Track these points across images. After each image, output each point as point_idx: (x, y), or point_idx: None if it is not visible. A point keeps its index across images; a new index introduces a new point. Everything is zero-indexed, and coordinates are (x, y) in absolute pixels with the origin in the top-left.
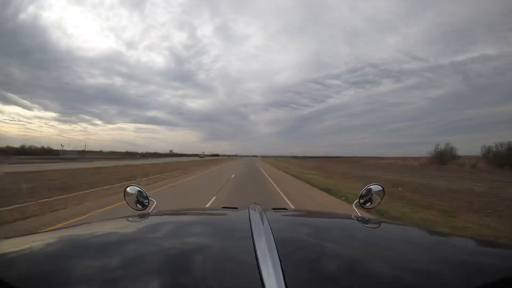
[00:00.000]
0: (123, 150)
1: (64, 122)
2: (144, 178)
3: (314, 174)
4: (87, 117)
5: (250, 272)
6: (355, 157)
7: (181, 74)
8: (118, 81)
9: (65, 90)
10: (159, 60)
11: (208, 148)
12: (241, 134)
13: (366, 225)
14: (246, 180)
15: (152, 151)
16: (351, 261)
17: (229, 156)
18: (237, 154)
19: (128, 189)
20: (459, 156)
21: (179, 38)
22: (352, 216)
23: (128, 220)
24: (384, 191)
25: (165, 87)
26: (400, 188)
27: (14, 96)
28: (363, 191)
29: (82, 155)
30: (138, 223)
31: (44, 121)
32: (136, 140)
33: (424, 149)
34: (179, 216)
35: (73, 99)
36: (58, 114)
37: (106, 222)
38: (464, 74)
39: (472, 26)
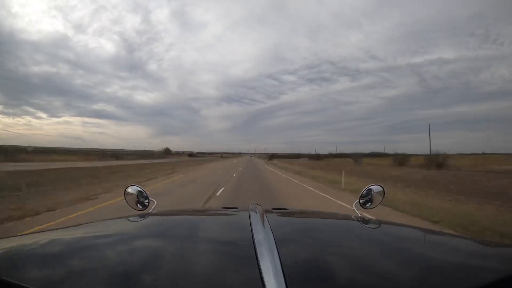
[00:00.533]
0: (71, 147)
1: (8, 114)
2: None
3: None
4: (31, 109)
5: (251, 272)
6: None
7: (131, 63)
8: (64, 69)
9: (8, 79)
10: (108, 46)
11: (158, 144)
12: (193, 130)
13: (366, 226)
14: None
15: (99, 147)
16: (351, 261)
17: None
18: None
19: (128, 189)
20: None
21: (132, 22)
22: (352, 217)
23: (128, 220)
24: (384, 192)
25: (114, 77)
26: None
27: None
28: (364, 191)
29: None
30: (138, 223)
31: None
32: (83, 135)
33: (371, 148)
34: (179, 216)
35: (16, 89)
36: (0, 105)
37: (106, 222)
38: (420, 76)
39: (434, 29)
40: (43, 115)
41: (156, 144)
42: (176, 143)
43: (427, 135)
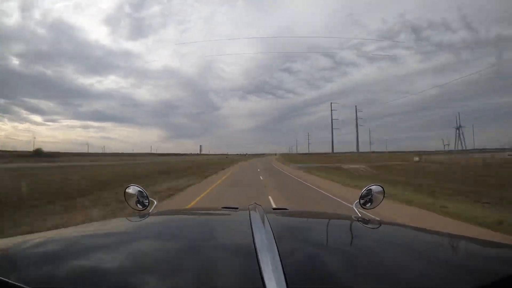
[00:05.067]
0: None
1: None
2: None
3: None
4: (25, 113)
5: (251, 272)
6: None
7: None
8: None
9: None
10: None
11: (172, 148)
12: (212, 130)
13: (366, 226)
14: None
15: (107, 151)
16: (351, 261)
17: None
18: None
19: (128, 189)
20: None
21: None
22: (352, 217)
23: (128, 220)
24: (384, 192)
25: (113, 68)
26: None
27: None
28: (364, 191)
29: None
30: (138, 223)
31: None
32: (90, 140)
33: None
34: (179, 216)
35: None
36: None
37: (106, 222)
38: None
39: None
40: (39, 118)
41: (170, 148)
42: (190, 147)
43: None
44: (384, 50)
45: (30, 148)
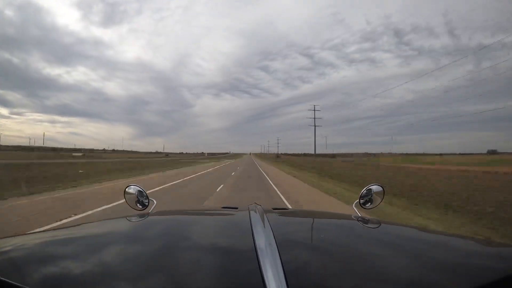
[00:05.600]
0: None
1: None
2: None
3: None
4: None
5: (251, 272)
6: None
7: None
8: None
9: None
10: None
11: (143, 146)
12: (183, 129)
13: (366, 225)
14: None
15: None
16: (351, 261)
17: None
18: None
19: (128, 188)
20: None
21: None
22: (352, 216)
23: (128, 220)
24: (384, 192)
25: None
26: None
27: None
28: (364, 191)
29: None
30: (138, 223)
31: None
32: (56, 136)
33: (378, 149)
34: (179, 216)
35: None
36: None
37: (106, 222)
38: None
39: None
40: (4, 111)
41: (140, 146)
42: (160, 145)
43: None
44: (365, 53)
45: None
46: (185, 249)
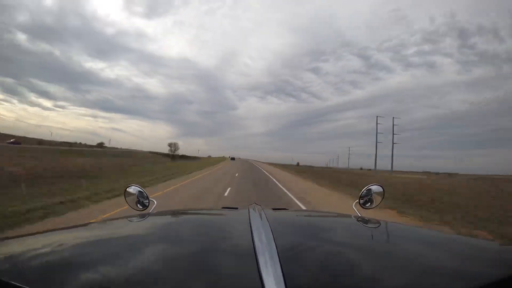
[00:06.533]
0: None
1: (6, 101)
2: None
3: None
4: (33, 95)
5: (250, 272)
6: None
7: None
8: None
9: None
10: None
11: (181, 147)
12: (225, 131)
13: (366, 225)
14: None
15: (120, 146)
16: (350, 261)
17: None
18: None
19: (128, 189)
20: None
21: None
22: (352, 216)
23: (129, 220)
24: (384, 192)
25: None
26: None
27: None
28: (364, 191)
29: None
30: (139, 223)
31: None
32: (99, 131)
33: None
34: (179, 216)
35: (15, 69)
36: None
37: (106, 222)
38: None
39: None
40: (48, 103)
41: (180, 148)
42: (202, 147)
43: None
44: (424, 56)
45: (44, 134)
46: (185, 250)
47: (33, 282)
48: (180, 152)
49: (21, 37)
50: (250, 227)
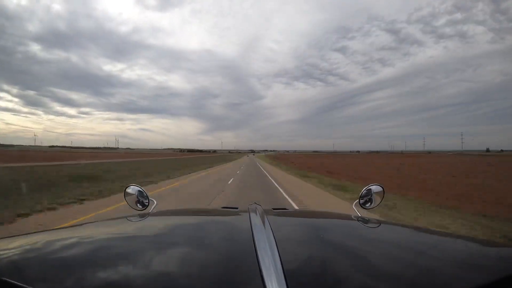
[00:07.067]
0: (121, 146)
1: (32, 114)
2: None
3: None
4: (57, 105)
5: (251, 272)
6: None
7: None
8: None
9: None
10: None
11: (210, 142)
12: (252, 122)
13: (366, 225)
14: None
15: (149, 147)
16: (351, 261)
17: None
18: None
19: (128, 189)
20: None
21: None
22: (352, 216)
23: (129, 220)
24: (384, 192)
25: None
26: None
27: None
28: (363, 191)
29: None
30: (138, 223)
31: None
32: (127, 133)
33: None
34: (179, 216)
35: (34, 80)
36: (20, 101)
37: (106, 222)
38: None
39: None
40: (72, 111)
41: (208, 141)
42: (230, 140)
43: None
44: (455, 26)
45: (69, 142)
46: (185, 249)
47: (33, 281)
48: (206, 147)
49: (35, 48)
50: (251, 227)
